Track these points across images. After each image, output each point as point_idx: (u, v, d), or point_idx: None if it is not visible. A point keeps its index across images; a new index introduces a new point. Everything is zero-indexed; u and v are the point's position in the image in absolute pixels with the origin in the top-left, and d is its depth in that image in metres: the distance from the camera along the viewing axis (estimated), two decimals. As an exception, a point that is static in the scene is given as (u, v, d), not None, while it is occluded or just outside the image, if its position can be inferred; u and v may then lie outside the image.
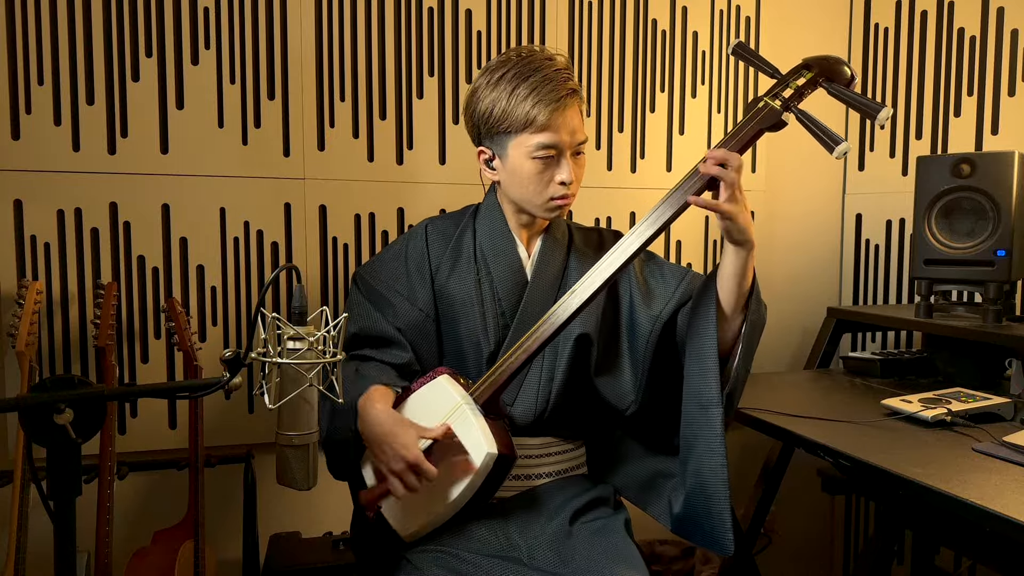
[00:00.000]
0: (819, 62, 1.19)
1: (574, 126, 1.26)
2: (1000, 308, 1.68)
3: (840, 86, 1.17)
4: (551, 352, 1.32)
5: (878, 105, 1.12)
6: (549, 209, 1.30)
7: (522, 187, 1.29)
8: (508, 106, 1.24)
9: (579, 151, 1.29)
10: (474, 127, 1.32)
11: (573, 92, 1.26)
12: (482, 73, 1.29)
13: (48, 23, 1.65)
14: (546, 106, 1.22)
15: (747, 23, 2.16)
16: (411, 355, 1.32)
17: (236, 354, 0.89)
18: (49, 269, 1.69)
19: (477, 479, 1.14)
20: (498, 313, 1.33)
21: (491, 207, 1.38)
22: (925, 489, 1.11)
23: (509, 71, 1.25)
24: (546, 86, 1.23)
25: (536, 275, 1.35)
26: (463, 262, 1.36)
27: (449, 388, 1.22)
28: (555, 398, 1.32)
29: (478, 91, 1.29)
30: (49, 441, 0.82)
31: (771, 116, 1.16)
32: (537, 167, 1.26)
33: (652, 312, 1.31)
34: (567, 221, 1.47)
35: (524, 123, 1.24)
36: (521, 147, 1.26)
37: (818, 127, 1.12)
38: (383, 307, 1.34)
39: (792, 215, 2.28)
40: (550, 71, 1.24)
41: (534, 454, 1.32)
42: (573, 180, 1.28)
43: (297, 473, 0.97)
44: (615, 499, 1.36)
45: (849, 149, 1.11)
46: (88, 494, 1.54)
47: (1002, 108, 2.00)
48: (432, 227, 1.42)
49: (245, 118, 1.78)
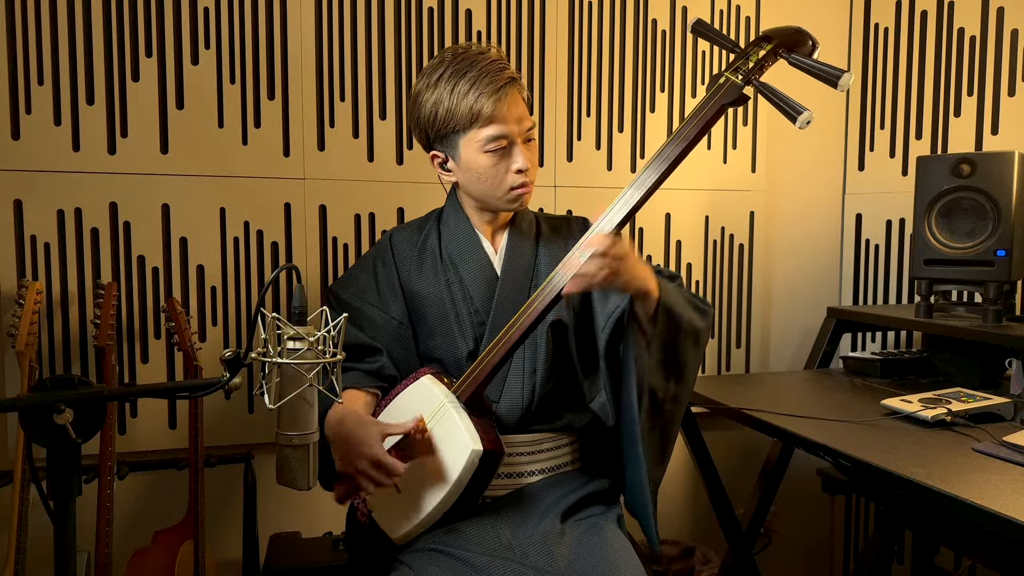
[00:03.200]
0: (778, 33, 1.18)
1: (519, 113, 1.27)
2: (1000, 308, 1.67)
3: (800, 56, 1.15)
4: (531, 345, 1.33)
5: (839, 71, 1.10)
6: (511, 200, 1.32)
7: (480, 183, 1.30)
8: (451, 104, 1.25)
9: (529, 137, 1.31)
10: (422, 132, 1.33)
11: (512, 80, 1.27)
12: (420, 78, 1.30)
13: (48, 23, 1.65)
14: (488, 97, 1.23)
15: (747, 23, 2.15)
16: (386, 359, 1.33)
17: (236, 354, 0.89)
18: (49, 269, 1.69)
19: (464, 477, 1.13)
20: (471, 311, 1.34)
21: (453, 208, 1.40)
22: (925, 489, 1.11)
23: (446, 71, 1.26)
24: (484, 78, 1.24)
25: (506, 270, 1.36)
26: (430, 266, 1.37)
27: (432, 388, 1.22)
28: (540, 390, 1.32)
29: (419, 96, 1.30)
30: (49, 441, 0.82)
31: (732, 91, 1.16)
32: (491, 160, 1.27)
33: (607, 309, 1.31)
34: (533, 212, 1.47)
35: (470, 119, 1.25)
36: (472, 143, 1.27)
37: (780, 98, 1.12)
38: (358, 319, 1.35)
39: (792, 215, 2.28)
40: (485, 63, 1.25)
41: (524, 451, 1.32)
42: (529, 166, 1.29)
43: (297, 473, 0.97)
44: (611, 493, 1.35)
45: (812, 118, 1.10)
46: (88, 494, 1.54)
47: (1002, 108, 1.99)
48: (397, 235, 1.43)
49: (245, 118, 1.78)
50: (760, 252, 2.23)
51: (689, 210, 2.14)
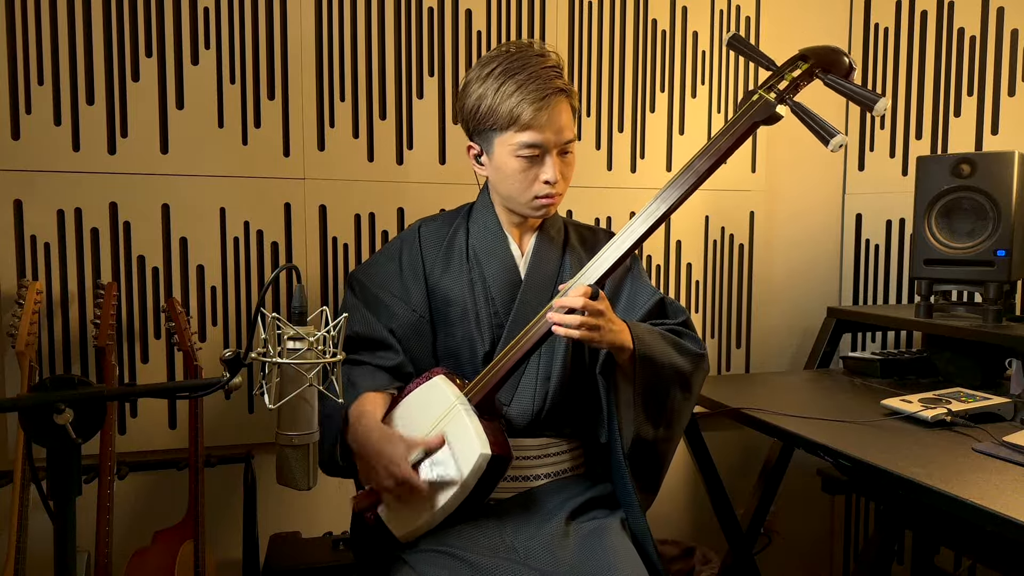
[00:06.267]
0: (816, 52, 1.16)
1: (561, 124, 1.25)
2: (1000, 308, 1.67)
3: (837, 77, 1.14)
4: (547, 351, 1.32)
5: (876, 96, 1.10)
6: (534, 208, 1.31)
7: (506, 184, 1.30)
8: (494, 103, 1.24)
9: (566, 150, 1.28)
10: (464, 122, 1.32)
11: (560, 91, 1.24)
12: (475, 66, 1.29)
13: (48, 23, 1.65)
14: (530, 104, 1.21)
15: (747, 23, 2.15)
16: (404, 357, 1.32)
17: (236, 354, 0.89)
18: (49, 269, 1.69)
19: (471, 480, 1.14)
20: (492, 312, 1.33)
21: (484, 205, 1.39)
22: (925, 489, 1.11)
23: (498, 67, 1.24)
24: (531, 83, 1.22)
25: (530, 273, 1.35)
26: (456, 262, 1.36)
27: (444, 388, 1.22)
28: (552, 397, 1.32)
29: (469, 85, 1.28)
30: (49, 441, 0.82)
31: (765, 109, 1.15)
32: (521, 165, 1.26)
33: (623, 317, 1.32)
34: (564, 218, 1.46)
35: (508, 121, 1.23)
36: (505, 145, 1.26)
37: (814, 120, 1.10)
38: (378, 309, 1.34)
39: (792, 215, 2.28)
40: (538, 68, 1.23)
41: (532, 455, 1.32)
42: (559, 179, 1.27)
43: (297, 473, 0.97)
44: (613, 498, 1.35)
45: (846, 142, 1.09)
46: (88, 494, 1.54)
47: (1002, 108, 1.99)
48: (425, 227, 1.42)
49: (245, 118, 1.78)
50: (760, 252, 2.23)
51: (689, 210, 2.14)
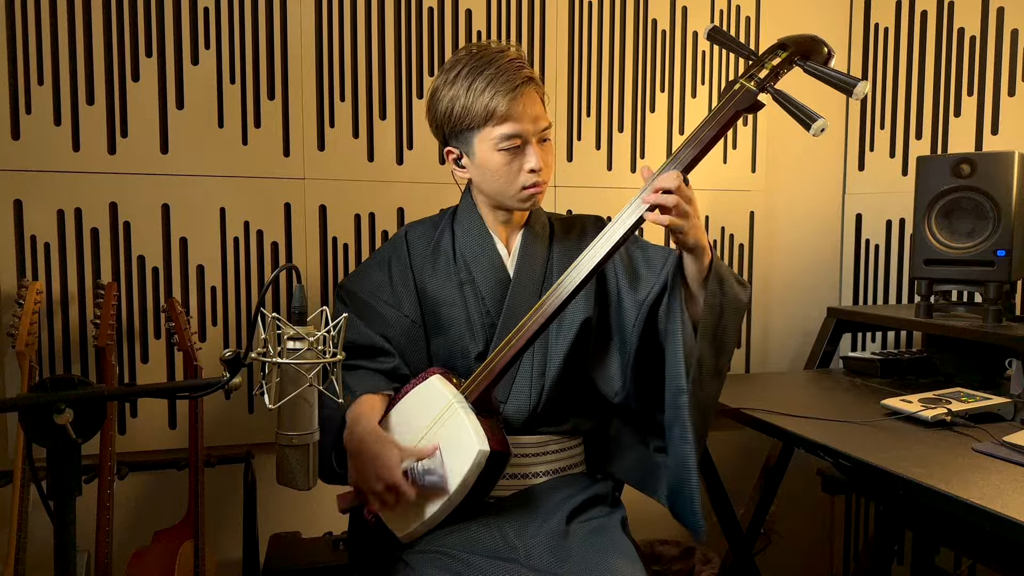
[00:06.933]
0: (795, 41, 1.17)
1: (535, 113, 1.27)
2: (1000, 308, 1.67)
3: (815, 64, 1.14)
4: (542, 345, 1.33)
5: (854, 79, 1.09)
6: (522, 199, 1.31)
7: (493, 181, 1.30)
8: (467, 102, 1.25)
9: (544, 137, 1.30)
10: (438, 128, 1.34)
11: (529, 79, 1.27)
12: (439, 74, 1.31)
13: (48, 23, 1.65)
14: (504, 96, 1.23)
15: (747, 23, 2.15)
16: (399, 360, 1.33)
17: (236, 354, 0.89)
18: (49, 269, 1.69)
19: (470, 477, 1.14)
20: (483, 312, 1.34)
21: (467, 207, 1.39)
22: (925, 489, 1.11)
23: (464, 68, 1.26)
24: (501, 77, 1.24)
25: (518, 272, 1.35)
26: (444, 265, 1.37)
27: (441, 387, 1.23)
28: (548, 391, 1.32)
29: (436, 91, 1.30)
30: (49, 441, 0.82)
31: (747, 97, 1.15)
32: (504, 158, 1.27)
33: (638, 297, 1.31)
34: (547, 212, 1.47)
35: (485, 116, 1.25)
36: (486, 141, 1.27)
37: (795, 105, 1.11)
38: (370, 317, 1.35)
39: (792, 215, 2.28)
40: (503, 62, 1.25)
41: (531, 453, 1.32)
42: (543, 167, 1.29)
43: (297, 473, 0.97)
44: (613, 496, 1.36)
45: (827, 126, 1.10)
46: (88, 494, 1.54)
47: (1002, 108, 1.99)
48: (412, 232, 1.42)
49: (245, 118, 1.78)
50: (760, 252, 2.23)
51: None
